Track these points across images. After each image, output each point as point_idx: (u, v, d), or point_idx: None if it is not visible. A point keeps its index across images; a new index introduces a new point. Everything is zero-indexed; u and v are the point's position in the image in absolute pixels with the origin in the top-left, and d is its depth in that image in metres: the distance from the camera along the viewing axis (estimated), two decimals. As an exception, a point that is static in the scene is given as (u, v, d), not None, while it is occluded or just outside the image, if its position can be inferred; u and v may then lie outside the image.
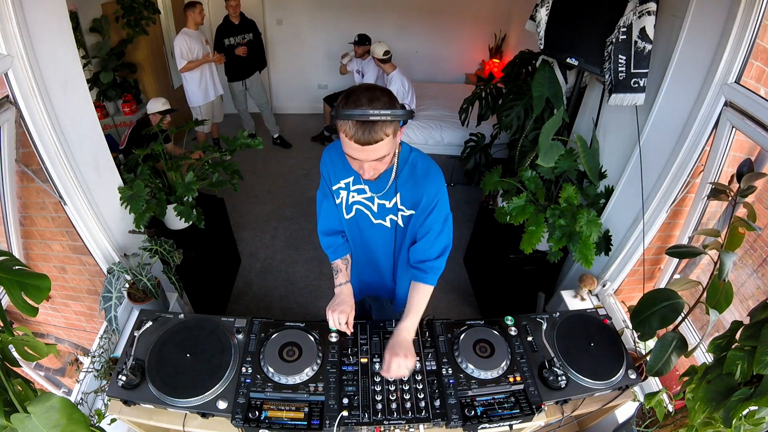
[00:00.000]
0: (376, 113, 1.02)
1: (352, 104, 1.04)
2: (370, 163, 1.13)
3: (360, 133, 1.04)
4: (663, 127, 1.75)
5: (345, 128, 1.06)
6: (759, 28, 1.38)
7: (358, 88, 1.08)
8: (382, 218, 1.38)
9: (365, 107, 1.02)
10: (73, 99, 1.66)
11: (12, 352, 1.03)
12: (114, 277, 1.69)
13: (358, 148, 1.07)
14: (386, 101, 1.06)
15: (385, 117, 1.03)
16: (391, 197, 1.32)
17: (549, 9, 2.04)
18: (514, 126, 2.55)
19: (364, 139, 1.05)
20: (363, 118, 1.02)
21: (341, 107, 1.05)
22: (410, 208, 1.33)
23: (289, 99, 5.60)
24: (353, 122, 1.04)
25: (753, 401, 0.98)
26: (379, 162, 1.13)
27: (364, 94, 1.05)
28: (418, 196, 1.29)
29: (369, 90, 1.07)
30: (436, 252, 1.34)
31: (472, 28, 5.28)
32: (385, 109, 1.03)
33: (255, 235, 3.58)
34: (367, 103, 1.03)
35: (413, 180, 1.29)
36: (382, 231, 1.41)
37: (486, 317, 1.56)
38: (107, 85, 3.88)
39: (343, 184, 1.37)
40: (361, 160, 1.12)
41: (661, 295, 1.29)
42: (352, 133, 1.05)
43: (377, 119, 1.03)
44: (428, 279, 1.36)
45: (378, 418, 1.25)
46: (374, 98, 1.04)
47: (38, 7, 1.42)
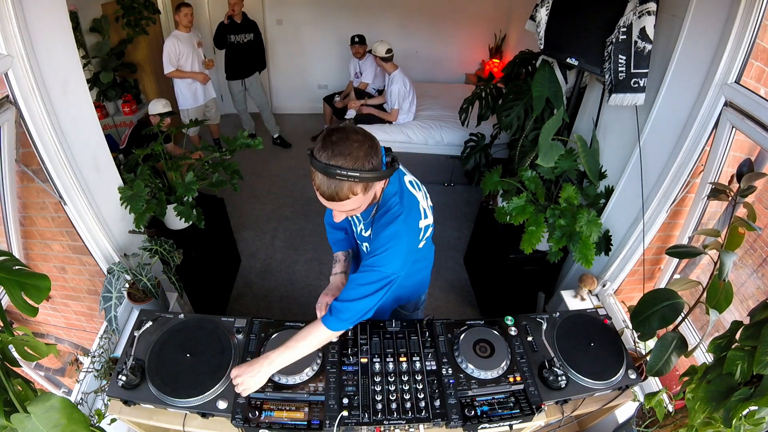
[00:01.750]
0: (342, 173, 0.92)
1: (322, 151, 0.95)
2: (339, 213, 1.09)
3: (325, 186, 0.97)
4: (663, 127, 1.75)
5: (315, 177, 0.98)
6: (759, 28, 1.38)
7: (337, 132, 0.97)
8: (361, 242, 1.40)
9: (334, 163, 0.93)
10: (73, 99, 1.66)
11: (12, 352, 1.03)
12: (114, 277, 1.69)
13: (324, 200, 1.01)
14: (360, 155, 0.94)
15: (351, 178, 0.93)
16: (368, 228, 1.28)
17: (549, 9, 2.04)
18: (514, 126, 2.55)
19: (329, 195, 0.98)
20: (325, 173, 0.94)
21: (315, 153, 0.97)
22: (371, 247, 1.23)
23: (289, 99, 5.60)
24: (319, 175, 0.96)
25: (753, 401, 0.98)
26: (350, 211, 1.08)
27: (338, 144, 0.94)
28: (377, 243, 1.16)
29: (346, 139, 0.95)
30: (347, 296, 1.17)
31: (472, 28, 5.27)
32: (352, 170, 0.93)
33: (255, 235, 3.58)
34: (337, 155, 0.93)
35: (382, 227, 1.16)
36: (362, 253, 1.43)
37: (486, 317, 1.56)
38: (107, 85, 3.88)
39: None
40: (333, 208, 1.07)
41: (661, 295, 1.29)
42: (318, 184, 0.98)
43: (343, 178, 0.94)
44: (326, 319, 1.20)
45: (378, 418, 1.25)
46: (344, 151, 0.93)
47: (38, 7, 1.42)
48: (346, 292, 1.18)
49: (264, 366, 1.22)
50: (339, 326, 1.19)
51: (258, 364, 1.22)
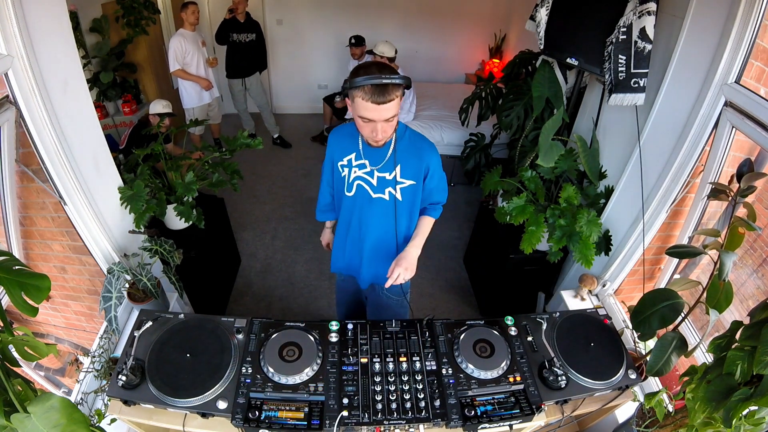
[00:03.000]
0: (387, 77, 1.23)
1: (365, 73, 1.24)
2: (382, 124, 1.31)
3: (376, 95, 1.24)
4: (663, 127, 1.75)
5: (361, 94, 1.25)
6: (759, 28, 1.38)
7: (365, 63, 1.31)
8: (381, 191, 1.53)
9: (378, 74, 1.23)
10: (73, 99, 1.66)
11: (12, 352, 1.03)
12: (114, 277, 1.69)
13: (374, 108, 1.26)
14: (391, 70, 1.27)
15: (395, 80, 1.24)
16: (391, 169, 1.49)
17: (549, 9, 2.04)
18: (514, 126, 2.55)
19: (380, 99, 1.24)
20: (377, 81, 1.23)
21: (355, 77, 1.24)
22: (411, 178, 1.50)
23: (289, 99, 5.60)
24: (368, 87, 1.24)
25: (753, 401, 0.98)
26: (388, 123, 1.32)
27: (373, 66, 1.28)
28: (417, 165, 1.48)
29: (375, 63, 1.30)
30: (438, 199, 1.63)
31: (472, 28, 5.28)
32: (393, 74, 1.25)
33: (255, 235, 3.58)
34: (377, 71, 1.24)
35: (413, 152, 1.48)
36: (380, 205, 1.55)
37: (486, 317, 1.56)
38: (107, 85, 3.88)
39: (346, 161, 1.53)
40: (375, 120, 1.29)
41: (661, 295, 1.29)
42: (369, 96, 1.24)
43: (388, 82, 1.23)
44: (433, 213, 1.64)
45: (378, 418, 1.25)
46: (383, 67, 1.27)
47: (38, 7, 1.42)
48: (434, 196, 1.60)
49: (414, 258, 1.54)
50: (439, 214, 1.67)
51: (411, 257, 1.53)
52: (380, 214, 1.57)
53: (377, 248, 1.65)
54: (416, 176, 1.49)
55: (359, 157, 1.51)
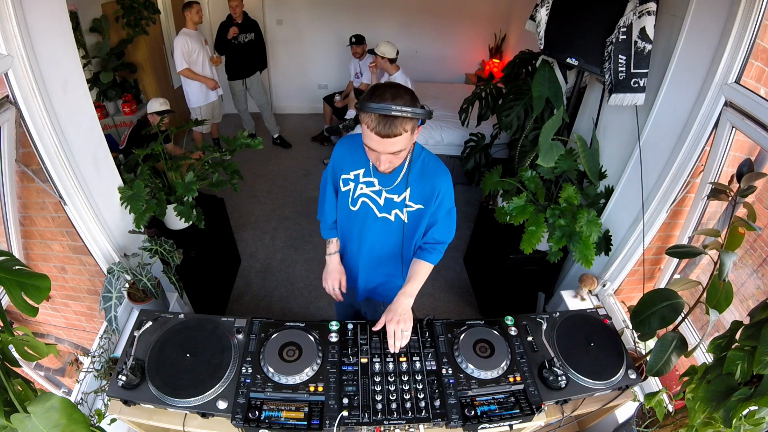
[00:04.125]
0: (397, 109, 1.10)
1: (377, 99, 1.12)
2: (387, 156, 1.21)
3: (381, 126, 1.13)
4: (663, 127, 1.75)
5: (368, 120, 1.15)
6: (759, 28, 1.38)
7: (383, 85, 1.17)
8: (387, 212, 1.44)
9: (388, 102, 1.11)
10: (73, 99, 1.66)
11: (12, 352, 1.03)
12: (114, 277, 1.69)
13: (378, 140, 1.16)
14: (408, 99, 1.14)
15: (405, 114, 1.11)
16: (401, 192, 1.40)
17: (549, 9, 2.04)
18: (514, 126, 2.55)
19: (384, 132, 1.13)
20: (385, 112, 1.11)
21: (366, 100, 1.14)
22: (419, 202, 1.41)
23: (289, 99, 5.60)
24: (376, 115, 1.12)
25: (753, 401, 0.98)
26: (395, 156, 1.22)
27: (388, 91, 1.14)
28: (429, 190, 1.38)
29: (393, 87, 1.16)
30: (441, 238, 1.49)
31: (472, 28, 5.28)
32: (406, 107, 1.11)
33: (255, 235, 3.58)
34: (390, 99, 1.12)
35: (424, 176, 1.38)
36: (385, 225, 1.47)
37: (486, 317, 1.56)
38: (107, 85, 3.88)
39: (352, 176, 1.44)
40: (379, 152, 1.20)
41: (661, 295, 1.29)
42: (374, 126, 1.14)
43: (398, 115, 1.11)
44: (430, 258, 1.49)
45: (378, 418, 1.25)
46: (397, 95, 1.13)
47: (38, 7, 1.42)
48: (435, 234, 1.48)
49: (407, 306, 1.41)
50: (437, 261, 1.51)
51: (402, 307, 1.40)
52: (382, 232, 1.50)
53: (375, 263, 1.59)
54: (425, 201, 1.41)
55: (368, 174, 1.41)
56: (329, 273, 1.64)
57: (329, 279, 1.64)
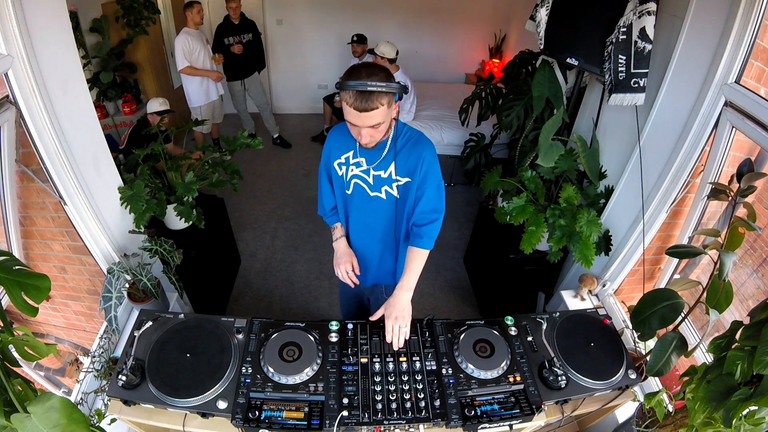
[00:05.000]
0: (372, 84, 1.18)
1: (354, 77, 1.20)
2: (367, 130, 1.28)
3: (358, 101, 1.20)
4: (663, 127, 1.75)
5: (346, 98, 1.22)
6: (759, 28, 1.38)
7: (359, 65, 1.25)
8: (378, 190, 1.49)
9: (364, 79, 1.19)
10: (73, 99, 1.66)
11: (12, 352, 1.03)
12: (114, 277, 1.69)
13: (356, 114, 1.23)
14: (383, 76, 1.21)
15: (380, 88, 1.19)
16: (387, 167, 1.45)
17: (549, 9, 2.04)
18: (514, 126, 2.55)
19: (362, 107, 1.21)
20: (362, 88, 1.18)
21: (344, 79, 1.21)
22: (405, 175, 1.44)
23: (289, 99, 5.60)
24: (353, 92, 1.20)
25: (753, 401, 0.98)
26: (374, 130, 1.28)
27: (363, 69, 1.22)
28: (412, 162, 1.42)
29: (367, 66, 1.24)
30: (429, 217, 1.46)
31: (472, 28, 5.28)
32: (381, 82, 1.19)
33: (255, 235, 3.58)
34: (365, 77, 1.19)
35: (407, 149, 1.42)
36: (379, 204, 1.51)
37: (486, 317, 1.56)
38: (107, 85, 3.88)
39: (343, 159, 1.51)
40: (359, 126, 1.27)
41: (661, 295, 1.29)
42: (352, 101, 1.21)
43: (374, 90, 1.19)
44: (423, 243, 1.47)
45: (378, 418, 1.25)
46: (372, 73, 1.21)
47: (38, 7, 1.42)
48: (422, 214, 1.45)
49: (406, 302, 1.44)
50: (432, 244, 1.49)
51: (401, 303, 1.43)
52: (380, 213, 1.53)
53: (377, 244, 1.63)
54: (410, 173, 1.43)
55: (356, 155, 1.48)
56: (340, 257, 1.63)
57: (341, 264, 1.61)
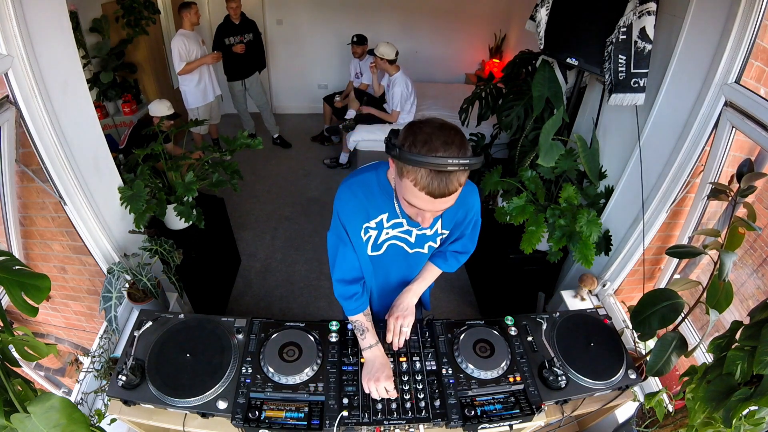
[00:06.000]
0: (455, 163, 0.87)
1: (425, 148, 0.88)
2: (434, 213, 1.01)
3: (435, 184, 0.90)
4: (663, 127, 1.75)
5: (416, 177, 0.91)
6: (759, 28, 1.38)
7: (428, 125, 0.92)
8: (420, 246, 1.32)
9: (441, 152, 0.88)
10: (73, 99, 1.66)
11: (12, 352, 1.03)
12: (114, 277, 1.69)
13: (429, 200, 0.93)
14: (459, 141, 0.90)
15: (463, 165, 0.88)
16: (433, 225, 1.26)
17: (549, 9, 2.04)
18: (514, 126, 2.55)
19: (439, 192, 0.91)
20: (441, 168, 0.88)
21: (410, 149, 0.89)
22: (450, 227, 1.31)
23: (289, 99, 5.60)
24: (426, 171, 0.89)
25: (753, 401, 0.98)
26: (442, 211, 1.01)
27: (436, 136, 0.89)
28: (461, 215, 1.28)
29: (443, 130, 0.91)
30: (464, 249, 1.41)
31: (472, 28, 5.27)
32: (463, 157, 0.88)
33: (255, 235, 3.58)
34: (442, 148, 0.88)
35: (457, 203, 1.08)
36: (417, 258, 1.38)
37: (486, 317, 1.56)
38: (107, 85, 3.88)
39: (374, 224, 1.22)
40: (428, 210, 0.98)
41: (661, 295, 1.29)
42: (425, 184, 0.90)
43: (455, 169, 0.89)
44: (444, 266, 1.42)
45: (378, 418, 1.25)
46: (449, 141, 0.89)
47: (38, 7, 1.42)
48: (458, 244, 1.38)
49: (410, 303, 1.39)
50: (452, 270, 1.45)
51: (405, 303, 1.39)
52: (414, 264, 1.41)
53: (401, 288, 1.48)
54: (457, 223, 1.30)
55: (394, 216, 1.20)
56: (377, 371, 1.27)
57: (381, 380, 1.25)
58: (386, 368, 1.29)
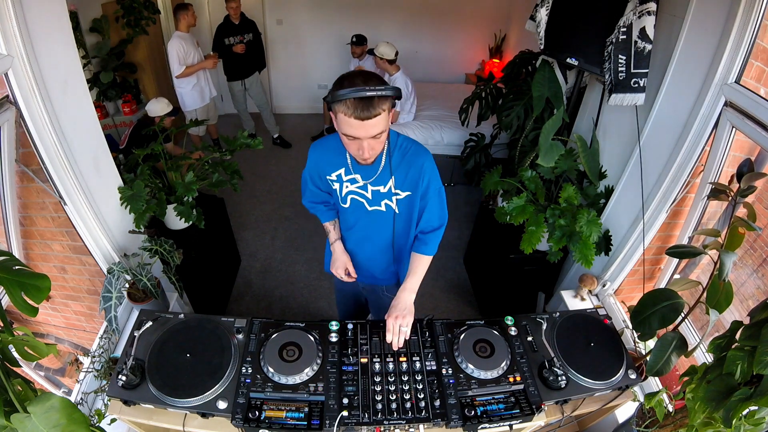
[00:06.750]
0: (372, 89, 1.09)
1: (349, 85, 1.11)
2: (369, 141, 1.19)
3: (359, 110, 1.11)
4: (663, 127, 1.75)
5: (343, 108, 1.12)
6: (759, 28, 1.38)
7: (350, 73, 1.16)
8: (377, 204, 1.45)
9: (360, 85, 1.09)
10: (73, 99, 1.66)
11: (12, 352, 1.03)
12: (114, 277, 1.69)
13: (358, 124, 1.13)
14: (378, 80, 1.13)
15: (380, 92, 1.10)
16: (386, 182, 1.39)
17: (549, 9, 2.04)
18: (514, 126, 2.55)
19: (364, 115, 1.11)
20: (361, 95, 1.09)
21: (337, 89, 1.11)
22: (406, 189, 1.40)
23: (289, 99, 5.60)
24: (352, 101, 1.10)
25: (753, 401, 0.98)
26: (376, 140, 1.20)
27: (357, 76, 1.13)
28: (413, 175, 1.37)
29: (360, 73, 1.16)
30: (434, 225, 1.47)
31: (472, 28, 5.28)
32: (379, 85, 1.11)
33: (255, 235, 3.58)
34: (362, 82, 1.10)
35: (406, 162, 1.36)
36: (378, 216, 1.48)
37: (486, 317, 1.56)
38: (107, 85, 3.88)
39: (335, 177, 1.43)
40: (361, 137, 1.17)
41: (661, 295, 1.29)
42: (352, 111, 1.11)
43: (374, 95, 1.10)
44: (427, 250, 1.49)
45: (378, 418, 1.25)
46: (368, 78, 1.13)
47: (38, 7, 1.42)
48: (427, 222, 1.45)
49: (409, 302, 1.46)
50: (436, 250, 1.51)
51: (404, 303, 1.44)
52: (379, 224, 1.51)
53: (378, 253, 1.61)
54: (412, 186, 1.39)
55: (349, 172, 1.40)
56: (337, 260, 1.64)
57: (339, 267, 1.62)
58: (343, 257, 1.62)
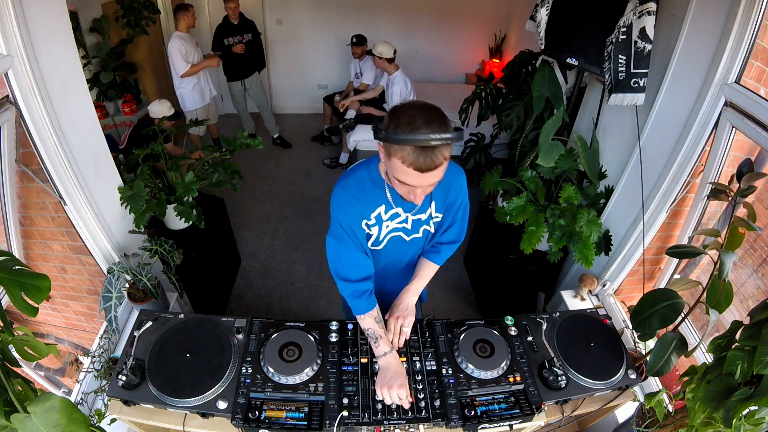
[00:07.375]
0: (436, 136, 0.94)
1: (408, 127, 0.95)
2: (425, 188, 1.06)
3: (421, 160, 0.96)
4: (663, 127, 1.75)
5: (402, 154, 0.97)
6: (759, 28, 1.38)
7: (410, 107, 1.00)
8: (416, 231, 1.37)
9: (423, 129, 0.94)
10: (73, 99, 1.66)
11: (12, 352, 1.03)
12: (114, 277, 1.69)
13: (416, 175, 0.99)
14: (439, 119, 0.98)
15: (446, 140, 0.95)
16: (426, 209, 1.32)
17: (549, 9, 2.04)
18: (514, 126, 2.55)
19: (426, 167, 0.97)
20: (423, 143, 0.94)
21: (395, 130, 0.96)
22: (443, 211, 1.36)
23: (289, 99, 5.60)
24: (412, 148, 0.96)
25: (753, 401, 0.98)
26: (431, 186, 1.07)
27: (417, 116, 0.96)
28: (452, 196, 1.33)
29: (421, 109, 0.98)
30: (452, 238, 1.44)
31: (472, 28, 5.28)
32: (444, 132, 0.95)
33: (255, 235, 3.58)
34: (424, 124, 0.95)
35: (445, 183, 1.25)
36: (414, 243, 1.41)
37: (486, 317, 1.56)
38: (107, 85, 3.88)
39: (373, 219, 1.27)
40: (417, 186, 1.04)
41: (661, 295, 1.29)
42: (412, 160, 0.97)
43: (438, 144, 0.95)
44: (438, 259, 1.46)
45: (378, 418, 1.25)
46: (429, 119, 0.96)
47: (38, 7, 1.42)
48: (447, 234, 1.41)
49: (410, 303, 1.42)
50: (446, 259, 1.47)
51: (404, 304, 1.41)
52: (411, 250, 1.44)
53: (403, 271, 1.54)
54: (448, 207, 1.34)
55: (390, 207, 1.25)
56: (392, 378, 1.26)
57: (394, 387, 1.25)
58: (400, 376, 1.28)
